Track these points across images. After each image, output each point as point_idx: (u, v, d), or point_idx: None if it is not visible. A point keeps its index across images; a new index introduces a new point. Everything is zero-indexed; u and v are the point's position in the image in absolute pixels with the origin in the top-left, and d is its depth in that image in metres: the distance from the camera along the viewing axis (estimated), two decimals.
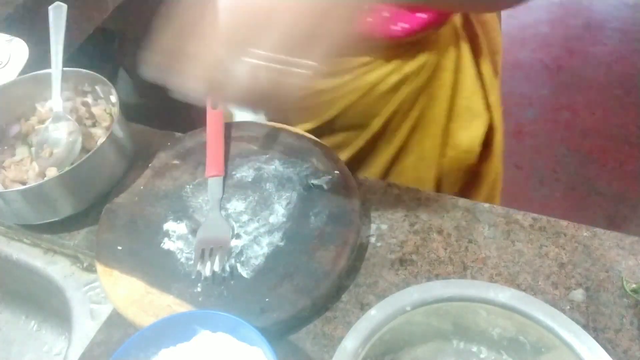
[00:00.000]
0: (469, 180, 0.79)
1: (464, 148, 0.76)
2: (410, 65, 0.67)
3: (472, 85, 0.73)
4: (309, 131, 0.69)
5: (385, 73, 0.68)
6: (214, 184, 0.62)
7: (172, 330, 0.46)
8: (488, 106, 0.75)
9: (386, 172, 0.77)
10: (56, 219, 0.60)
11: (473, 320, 0.46)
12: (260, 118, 0.63)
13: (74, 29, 0.98)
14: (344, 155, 0.76)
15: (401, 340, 0.47)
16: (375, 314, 0.44)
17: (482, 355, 0.48)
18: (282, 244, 0.56)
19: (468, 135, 0.75)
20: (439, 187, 0.78)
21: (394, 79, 0.68)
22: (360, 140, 0.75)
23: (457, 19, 0.69)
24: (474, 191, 0.80)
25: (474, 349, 0.48)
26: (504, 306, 0.44)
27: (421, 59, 0.67)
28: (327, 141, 0.68)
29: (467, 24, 0.71)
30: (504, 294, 0.45)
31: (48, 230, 0.61)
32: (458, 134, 0.75)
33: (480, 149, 0.75)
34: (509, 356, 0.47)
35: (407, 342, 0.48)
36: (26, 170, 0.63)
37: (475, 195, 0.79)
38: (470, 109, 0.74)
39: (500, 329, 0.46)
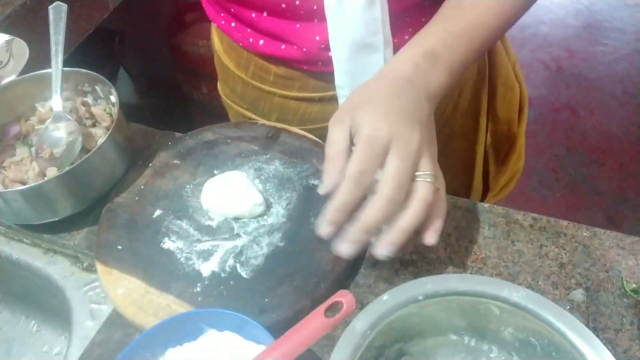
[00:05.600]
0: (508, 148, 0.86)
1: (505, 119, 0.82)
2: None
3: (503, 61, 0.78)
4: None
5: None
6: None
7: (178, 329, 0.46)
8: (517, 76, 0.81)
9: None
10: (56, 218, 0.60)
11: (486, 317, 0.46)
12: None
13: (74, 29, 0.98)
14: None
15: (412, 330, 0.47)
16: (387, 299, 0.44)
17: (492, 355, 0.48)
18: (282, 244, 0.56)
19: (507, 107, 0.81)
20: (486, 161, 0.85)
21: None
22: None
23: None
24: (511, 156, 0.87)
25: (485, 347, 0.48)
26: (517, 306, 0.44)
27: None
28: None
29: None
30: (518, 294, 0.44)
31: (48, 230, 0.61)
32: (499, 109, 0.80)
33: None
34: (520, 358, 0.47)
35: (417, 332, 0.48)
36: (26, 170, 0.63)
37: (509, 159, 0.87)
38: (505, 84, 0.79)
39: (512, 329, 0.46)
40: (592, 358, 0.41)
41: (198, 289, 0.53)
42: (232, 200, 0.57)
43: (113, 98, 0.66)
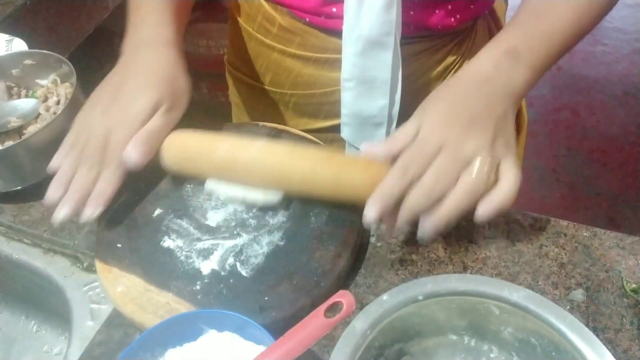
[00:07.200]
0: None
1: None
2: (454, 54, 0.73)
3: None
4: None
5: (434, 61, 0.72)
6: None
7: (178, 330, 0.46)
8: None
9: None
10: (19, 187, 0.63)
11: (485, 318, 0.46)
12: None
13: (74, 29, 0.98)
14: None
15: (412, 330, 0.47)
16: (387, 299, 0.44)
17: (492, 355, 0.48)
18: (282, 243, 0.56)
19: None
20: None
21: (440, 67, 0.73)
22: None
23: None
24: None
25: (485, 347, 0.48)
26: (517, 306, 0.44)
27: (463, 48, 0.73)
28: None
29: (492, 14, 0.78)
30: (518, 294, 0.44)
31: (48, 230, 0.61)
32: None
33: None
34: (520, 358, 0.47)
35: (417, 332, 0.48)
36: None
37: None
38: None
39: (512, 329, 0.46)
40: (592, 358, 0.41)
41: (198, 287, 0.53)
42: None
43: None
